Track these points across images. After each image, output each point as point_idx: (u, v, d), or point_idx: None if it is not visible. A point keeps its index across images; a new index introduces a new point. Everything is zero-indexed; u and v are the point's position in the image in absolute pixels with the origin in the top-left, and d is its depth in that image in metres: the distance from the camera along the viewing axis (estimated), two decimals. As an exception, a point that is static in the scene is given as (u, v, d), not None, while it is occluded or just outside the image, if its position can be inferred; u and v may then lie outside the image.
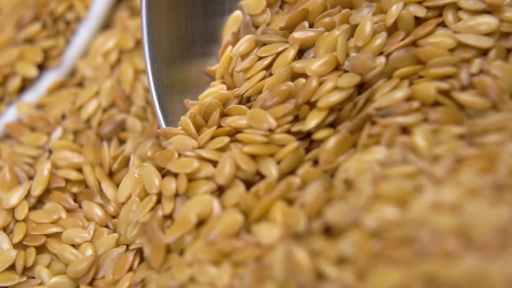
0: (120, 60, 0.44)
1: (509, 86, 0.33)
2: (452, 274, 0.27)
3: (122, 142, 0.41)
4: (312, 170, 0.33)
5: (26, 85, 0.44)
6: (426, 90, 0.32)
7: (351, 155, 0.33)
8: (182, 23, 0.39)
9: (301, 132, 0.34)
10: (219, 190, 0.34)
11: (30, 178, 0.39)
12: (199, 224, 0.33)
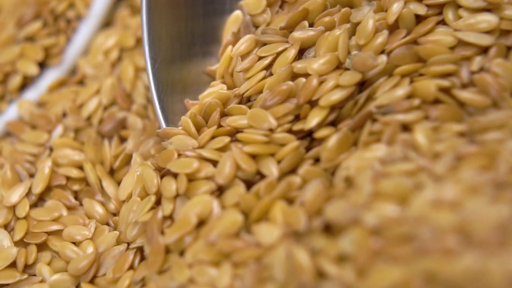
0: (120, 58, 0.44)
1: (509, 84, 0.33)
2: (452, 271, 0.27)
3: (123, 140, 0.41)
4: (312, 169, 0.33)
5: (27, 83, 0.44)
6: (427, 88, 0.32)
7: (352, 153, 0.33)
8: (182, 23, 0.39)
9: (302, 131, 0.34)
10: (219, 190, 0.33)
11: (31, 176, 0.39)
12: (199, 224, 0.33)
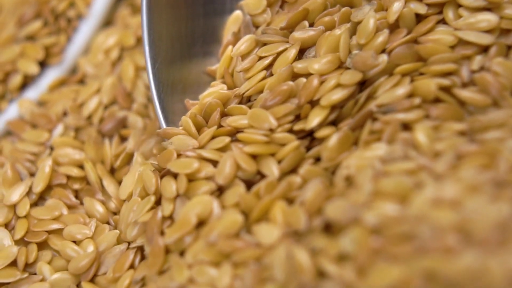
0: (121, 57, 0.44)
1: (509, 83, 0.32)
2: (452, 270, 0.27)
3: (124, 139, 0.41)
4: (313, 168, 0.33)
5: (27, 82, 0.44)
6: (427, 87, 0.32)
7: (353, 152, 0.33)
8: (182, 23, 0.39)
9: (303, 131, 0.34)
10: (219, 190, 0.33)
11: (32, 174, 0.39)
12: (199, 224, 0.33)
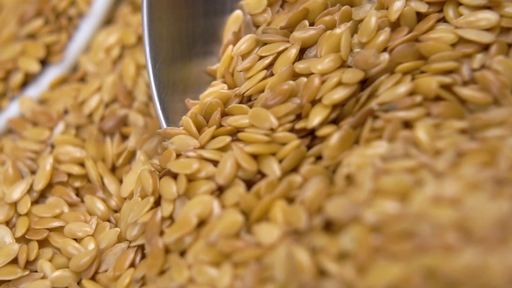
0: (122, 55, 0.44)
1: (510, 81, 0.32)
2: (452, 267, 0.27)
3: (124, 137, 0.41)
4: (314, 168, 0.33)
5: (28, 80, 0.44)
6: (428, 85, 0.32)
7: (354, 150, 0.33)
8: (183, 23, 0.39)
9: (304, 129, 0.34)
10: (219, 190, 0.33)
11: (33, 172, 0.39)
12: (199, 224, 0.33)
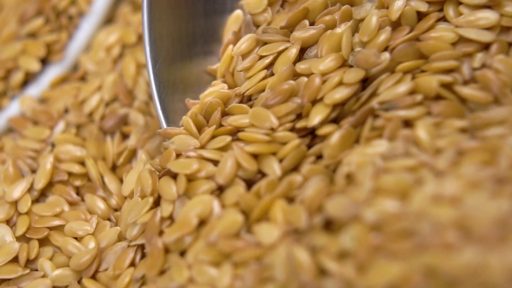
0: (122, 54, 0.44)
1: (511, 80, 0.32)
2: (452, 266, 0.27)
3: (125, 136, 0.41)
4: (314, 167, 0.33)
5: (29, 79, 0.44)
6: (429, 84, 0.32)
7: (354, 149, 0.33)
8: (183, 23, 0.39)
9: (304, 128, 0.34)
10: (220, 189, 0.33)
11: (33, 171, 0.39)
12: (199, 224, 0.32)
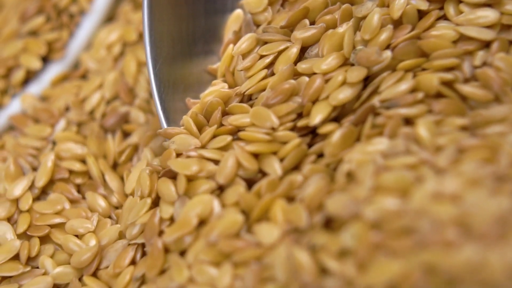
0: (123, 52, 0.44)
1: (511, 78, 0.32)
2: (451, 263, 0.27)
3: (126, 134, 0.41)
4: (315, 167, 0.33)
5: (30, 77, 0.45)
6: (430, 81, 0.32)
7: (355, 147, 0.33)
8: (183, 22, 0.39)
9: (305, 127, 0.34)
10: (220, 189, 0.33)
11: (34, 169, 0.39)
12: (200, 223, 0.32)
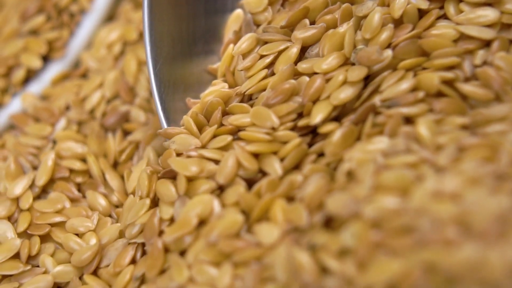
0: (123, 51, 0.44)
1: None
2: (451, 262, 0.27)
3: (126, 133, 0.41)
4: (316, 167, 0.33)
5: (30, 76, 0.45)
6: (430, 80, 0.32)
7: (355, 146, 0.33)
8: (183, 22, 0.39)
9: (306, 127, 0.34)
10: (220, 189, 0.33)
11: (35, 168, 0.39)
12: (200, 223, 0.32)
